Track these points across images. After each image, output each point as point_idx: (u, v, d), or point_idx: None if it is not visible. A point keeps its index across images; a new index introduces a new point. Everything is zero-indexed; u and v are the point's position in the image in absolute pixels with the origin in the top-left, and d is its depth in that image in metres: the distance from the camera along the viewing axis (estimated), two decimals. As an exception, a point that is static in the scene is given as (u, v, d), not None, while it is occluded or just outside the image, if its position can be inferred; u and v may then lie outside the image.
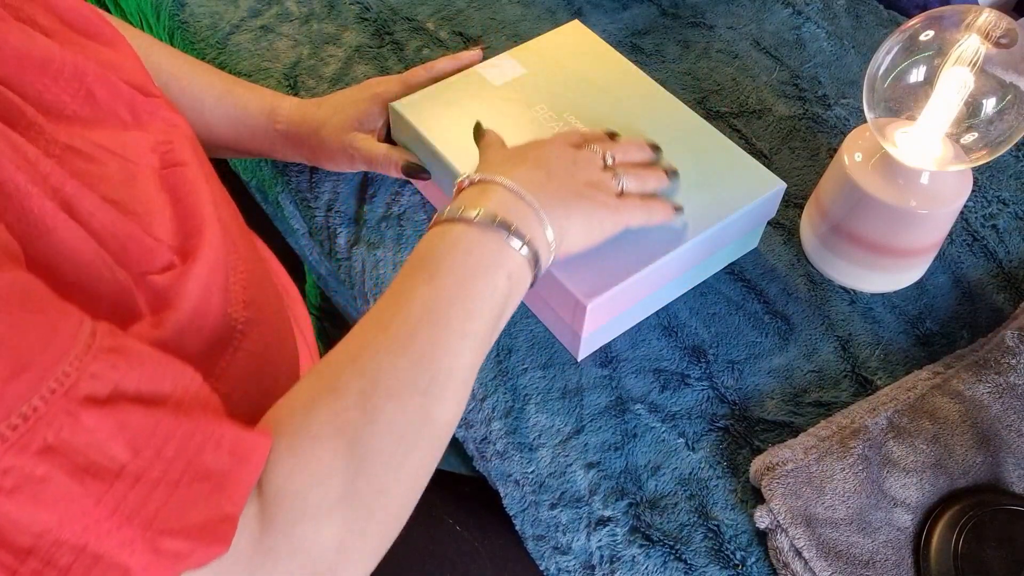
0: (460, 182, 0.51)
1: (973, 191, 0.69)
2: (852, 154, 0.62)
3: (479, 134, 0.61)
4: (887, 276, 0.65)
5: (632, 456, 0.57)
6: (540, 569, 0.57)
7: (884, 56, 0.58)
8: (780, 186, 0.62)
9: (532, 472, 0.57)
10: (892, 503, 0.53)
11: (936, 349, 0.63)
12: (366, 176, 0.73)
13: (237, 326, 0.45)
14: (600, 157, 0.56)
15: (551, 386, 0.60)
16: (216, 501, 0.35)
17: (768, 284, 0.66)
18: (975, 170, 0.70)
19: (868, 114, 0.59)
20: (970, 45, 0.54)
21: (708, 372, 0.61)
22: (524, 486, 0.57)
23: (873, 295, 0.65)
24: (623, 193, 0.55)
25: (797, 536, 0.51)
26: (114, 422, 0.32)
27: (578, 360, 0.61)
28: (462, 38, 0.83)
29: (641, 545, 0.54)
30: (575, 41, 0.73)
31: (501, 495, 0.59)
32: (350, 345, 0.43)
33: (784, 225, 0.69)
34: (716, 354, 0.62)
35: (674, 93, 0.69)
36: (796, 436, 0.56)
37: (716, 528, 0.54)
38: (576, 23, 0.75)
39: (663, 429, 0.58)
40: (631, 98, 0.68)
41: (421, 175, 0.65)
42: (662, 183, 0.59)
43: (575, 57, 0.71)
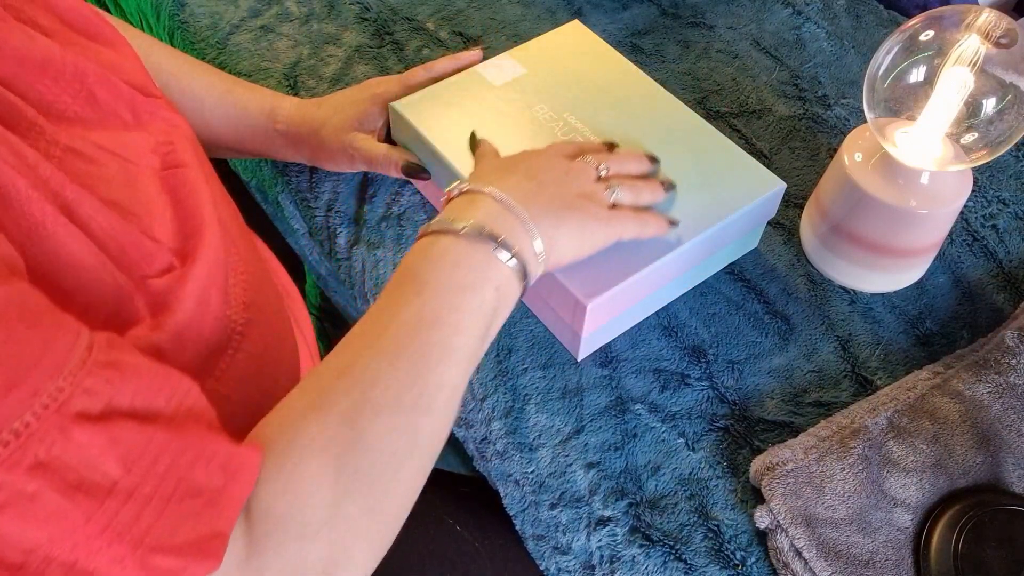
0: (449, 191, 0.51)
1: (973, 191, 0.69)
2: (852, 154, 0.62)
3: (474, 144, 0.61)
4: (887, 276, 0.65)
5: (632, 456, 0.57)
6: (540, 569, 0.58)
7: (884, 56, 0.58)
8: (780, 186, 0.62)
9: (532, 472, 0.57)
10: (892, 503, 0.53)
11: (936, 349, 0.63)
12: (366, 176, 0.73)
13: (236, 327, 0.45)
14: (593, 168, 0.55)
15: (551, 386, 0.60)
16: (207, 518, 0.35)
17: (768, 284, 0.66)
18: (975, 170, 0.70)
19: (868, 114, 0.59)
20: (970, 45, 0.54)
21: (708, 372, 0.61)
22: (524, 486, 0.57)
23: (873, 295, 0.65)
24: (616, 205, 0.55)
25: (797, 536, 0.51)
26: (106, 438, 0.32)
27: (578, 360, 0.61)
28: (462, 38, 0.83)
29: (641, 545, 0.54)
30: (575, 41, 0.73)
31: (501, 495, 0.59)
32: (338, 360, 0.43)
33: (784, 225, 0.69)
34: (716, 354, 0.62)
35: (674, 93, 0.69)
36: (796, 436, 0.56)
37: (716, 528, 0.54)
38: (576, 23, 0.75)
39: (663, 429, 0.58)
40: (631, 98, 0.68)
41: (421, 175, 0.65)
42: (657, 196, 0.58)
43: (575, 57, 0.71)
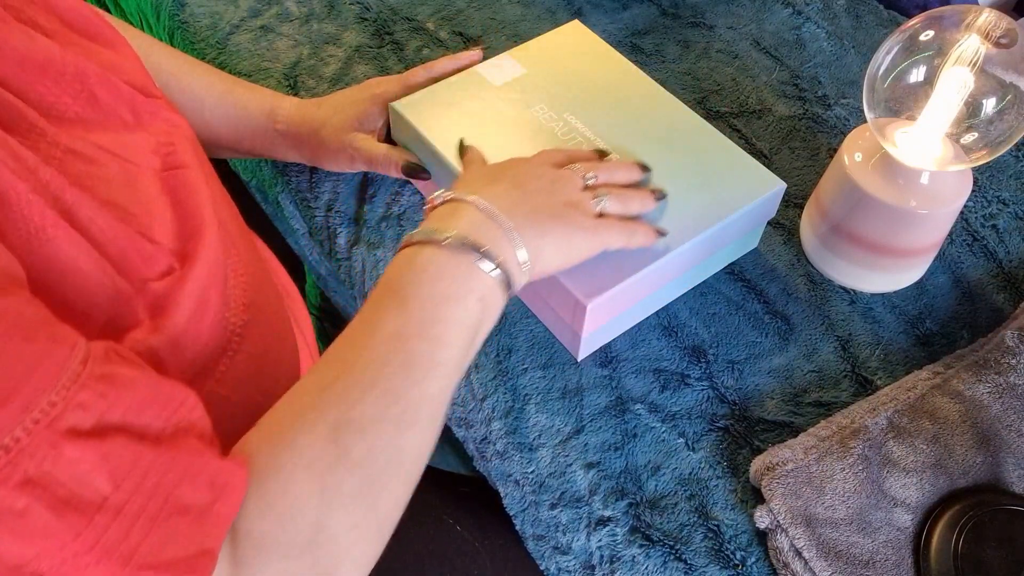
0: (432, 199, 0.50)
1: (973, 191, 0.69)
2: (852, 154, 0.62)
3: (462, 151, 0.60)
4: (887, 276, 0.65)
5: (632, 456, 0.57)
6: (540, 569, 0.58)
7: (884, 56, 0.58)
8: (780, 186, 0.62)
9: (532, 472, 0.57)
10: (892, 503, 0.53)
11: (936, 349, 0.63)
12: (366, 176, 0.73)
13: (236, 329, 0.45)
14: (581, 177, 0.55)
15: (551, 386, 0.60)
16: (196, 535, 0.35)
17: (768, 284, 0.66)
18: (975, 170, 0.70)
19: (868, 114, 0.59)
20: (970, 45, 0.54)
21: (708, 372, 0.61)
22: (524, 486, 0.57)
23: (873, 295, 0.66)
24: (604, 215, 0.54)
25: (797, 536, 0.51)
26: (97, 454, 0.32)
27: (578, 360, 0.61)
28: (462, 38, 0.83)
29: (641, 545, 0.54)
30: (575, 41, 0.73)
31: (501, 495, 0.59)
32: (321, 375, 0.42)
33: (784, 225, 0.69)
34: (716, 354, 0.62)
35: (674, 93, 0.69)
36: (796, 436, 0.56)
37: (716, 528, 0.54)
38: (576, 23, 0.75)
39: (663, 429, 0.58)
40: (631, 98, 0.68)
41: (421, 175, 0.65)
42: (647, 206, 0.58)
43: (575, 57, 0.71)
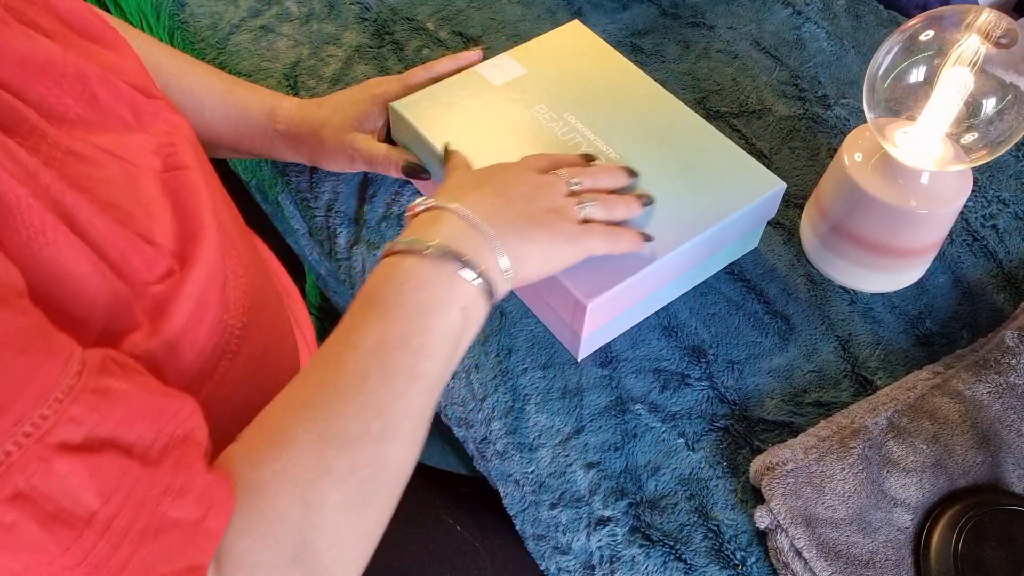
0: (413, 206, 0.50)
1: (973, 191, 0.69)
2: (852, 154, 0.62)
3: (446, 156, 0.60)
4: (887, 276, 0.65)
5: (632, 456, 0.57)
6: (540, 569, 0.58)
7: (884, 56, 0.58)
8: (780, 186, 0.62)
9: (532, 472, 0.57)
10: (892, 503, 0.53)
11: (936, 349, 0.63)
12: (366, 176, 0.73)
13: (235, 331, 0.45)
14: (565, 182, 0.54)
15: (551, 386, 0.60)
16: (185, 550, 0.35)
17: (768, 284, 0.66)
18: (975, 170, 0.70)
19: (868, 114, 0.59)
20: (970, 45, 0.54)
21: (708, 372, 0.61)
22: (524, 486, 0.58)
23: (873, 295, 0.66)
24: (588, 220, 0.54)
25: (797, 536, 0.51)
26: (87, 468, 0.32)
27: (578, 360, 0.61)
28: (462, 38, 0.83)
29: (641, 545, 0.54)
30: (575, 41, 0.73)
31: (501, 495, 0.59)
32: (302, 388, 0.42)
33: (784, 225, 0.69)
34: (716, 354, 0.62)
35: (674, 93, 0.69)
36: (796, 436, 0.56)
37: (716, 528, 0.54)
38: (576, 23, 0.75)
39: (663, 429, 0.58)
40: (631, 98, 0.68)
41: (421, 175, 0.65)
42: (633, 211, 0.57)
43: (575, 57, 0.71)
